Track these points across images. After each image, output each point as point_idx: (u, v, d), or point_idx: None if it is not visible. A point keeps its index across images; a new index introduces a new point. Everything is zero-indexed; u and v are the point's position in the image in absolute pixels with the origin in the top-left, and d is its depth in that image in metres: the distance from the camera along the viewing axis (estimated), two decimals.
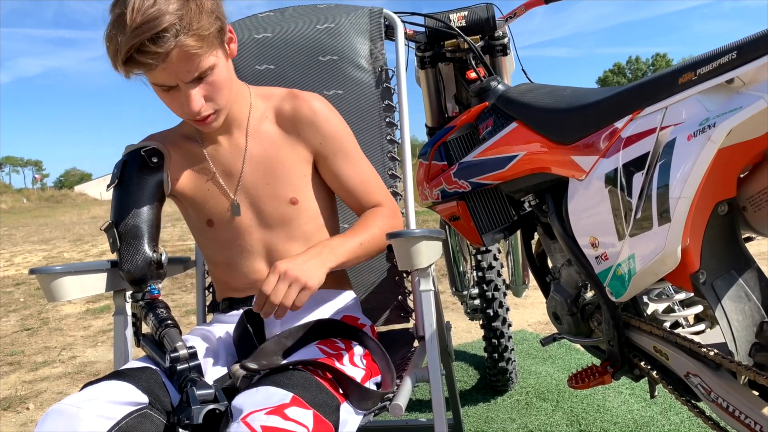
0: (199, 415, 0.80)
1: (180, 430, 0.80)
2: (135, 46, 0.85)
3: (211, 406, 0.82)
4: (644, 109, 0.86)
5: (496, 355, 1.88)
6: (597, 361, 1.10)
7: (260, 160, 1.08)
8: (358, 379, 0.93)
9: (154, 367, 0.91)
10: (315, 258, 0.93)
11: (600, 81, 70.92)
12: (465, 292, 2.02)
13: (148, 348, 0.95)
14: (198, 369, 0.90)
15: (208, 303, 1.37)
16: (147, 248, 0.99)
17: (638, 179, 0.85)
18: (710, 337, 1.00)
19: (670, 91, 0.81)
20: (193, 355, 0.90)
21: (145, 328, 0.98)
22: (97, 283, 1.03)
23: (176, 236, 8.27)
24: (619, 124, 0.90)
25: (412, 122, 1.40)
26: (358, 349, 1.01)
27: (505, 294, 1.84)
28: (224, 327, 1.08)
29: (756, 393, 0.86)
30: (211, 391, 0.84)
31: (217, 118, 1.01)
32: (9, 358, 3.01)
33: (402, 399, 0.88)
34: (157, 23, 0.85)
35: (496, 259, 1.82)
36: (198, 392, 0.83)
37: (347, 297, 1.17)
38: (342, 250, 0.97)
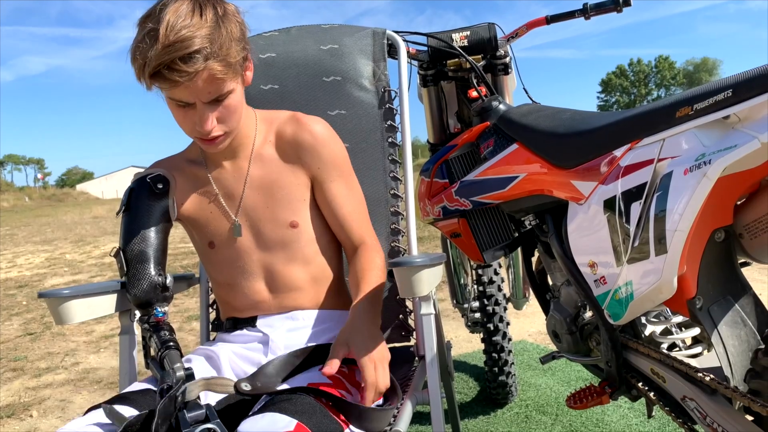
0: None
1: None
2: (165, 63, 0.88)
3: (202, 427, 0.83)
4: (642, 139, 0.87)
5: (496, 368, 1.89)
6: (596, 378, 1.11)
7: (261, 183, 1.10)
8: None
9: (155, 389, 0.93)
10: (375, 328, 1.00)
11: (603, 83, 70.93)
12: (466, 305, 2.03)
13: (154, 370, 0.97)
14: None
15: (212, 319, 1.39)
16: (153, 273, 1.01)
17: (636, 208, 0.86)
18: (707, 360, 1.02)
19: (667, 123, 0.83)
20: (190, 376, 0.91)
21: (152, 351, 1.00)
22: (104, 304, 1.04)
23: (178, 238, 8.29)
24: (617, 153, 0.92)
25: (415, 136, 1.41)
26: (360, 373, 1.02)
27: (505, 308, 1.85)
28: (228, 346, 1.10)
29: (750, 418, 0.87)
30: (202, 411, 0.85)
31: (225, 140, 1.03)
32: (12, 364, 3.03)
33: (403, 424, 0.90)
34: (189, 44, 0.87)
35: (496, 273, 1.84)
36: (189, 414, 0.84)
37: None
38: (377, 308, 1.05)
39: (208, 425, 0.83)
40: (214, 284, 1.16)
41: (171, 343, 0.96)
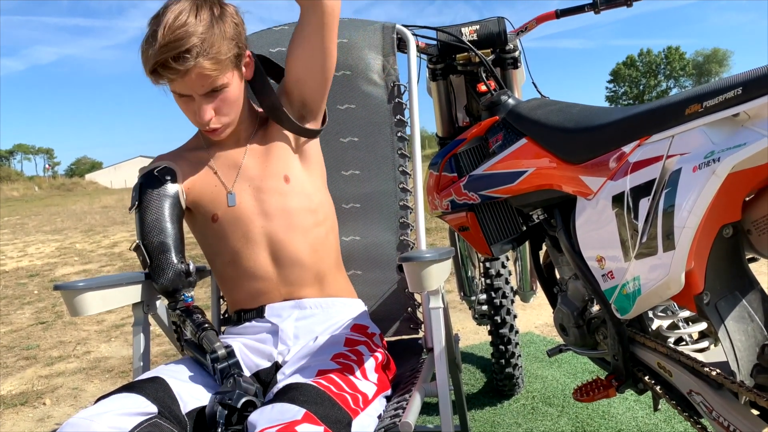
0: (239, 400, 0.90)
1: (219, 406, 0.89)
2: (160, 62, 0.98)
3: (250, 398, 0.91)
4: (652, 135, 0.88)
5: (503, 360, 1.90)
6: (602, 371, 1.12)
7: (259, 149, 1.18)
8: (370, 395, 0.96)
9: (164, 377, 0.95)
10: None
11: (613, 73, 70.33)
12: (473, 298, 2.04)
13: (192, 351, 1.01)
14: (237, 365, 0.98)
15: (222, 311, 1.41)
16: (175, 261, 1.05)
17: (644, 204, 0.87)
18: (713, 354, 1.02)
19: (677, 120, 0.83)
20: (231, 354, 0.99)
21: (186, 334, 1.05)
22: (118, 296, 1.06)
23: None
24: (626, 149, 0.92)
25: (422, 127, 1.42)
26: (370, 363, 1.04)
27: (512, 301, 1.86)
28: (238, 339, 1.12)
29: (756, 413, 0.88)
30: (253, 387, 0.94)
31: (224, 131, 1.11)
32: (25, 353, 3.07)
33: (411, 416, 0.91)
34: (181, 44, 0.97)
35: (504, 266, 1.84)
36: (243, 384, 0.93)
37: (356, 305, 1.21)
38: None
39: (255, 399, 0.92)
40: (219, 268, 1.18)
41: (206, 325, 1.02)
